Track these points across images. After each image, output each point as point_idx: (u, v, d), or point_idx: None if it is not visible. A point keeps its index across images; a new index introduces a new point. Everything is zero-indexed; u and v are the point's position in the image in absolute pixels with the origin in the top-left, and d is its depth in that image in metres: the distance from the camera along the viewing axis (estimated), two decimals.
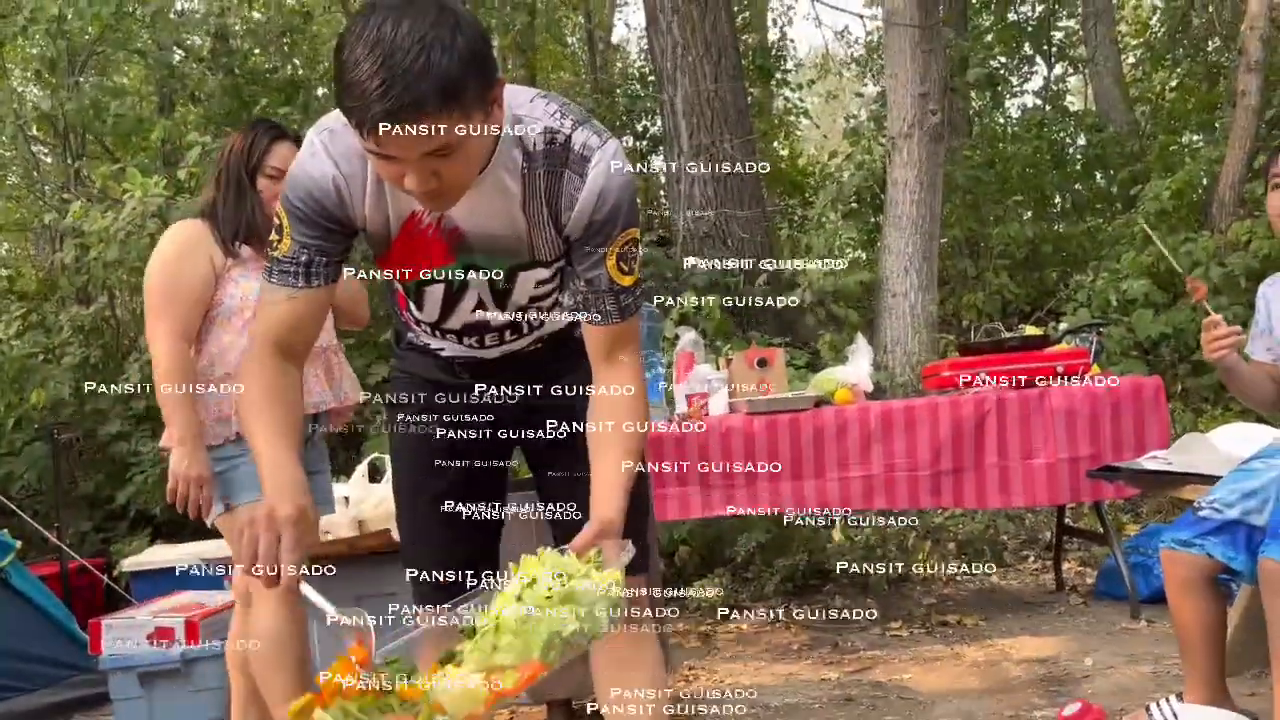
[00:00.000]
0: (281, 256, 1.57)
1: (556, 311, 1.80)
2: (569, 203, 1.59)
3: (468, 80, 1.36)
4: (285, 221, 1.57)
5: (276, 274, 1.58)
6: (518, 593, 1.38)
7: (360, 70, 1.32)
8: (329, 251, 1.59)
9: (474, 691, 1.31)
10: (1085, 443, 3.52)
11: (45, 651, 3.65)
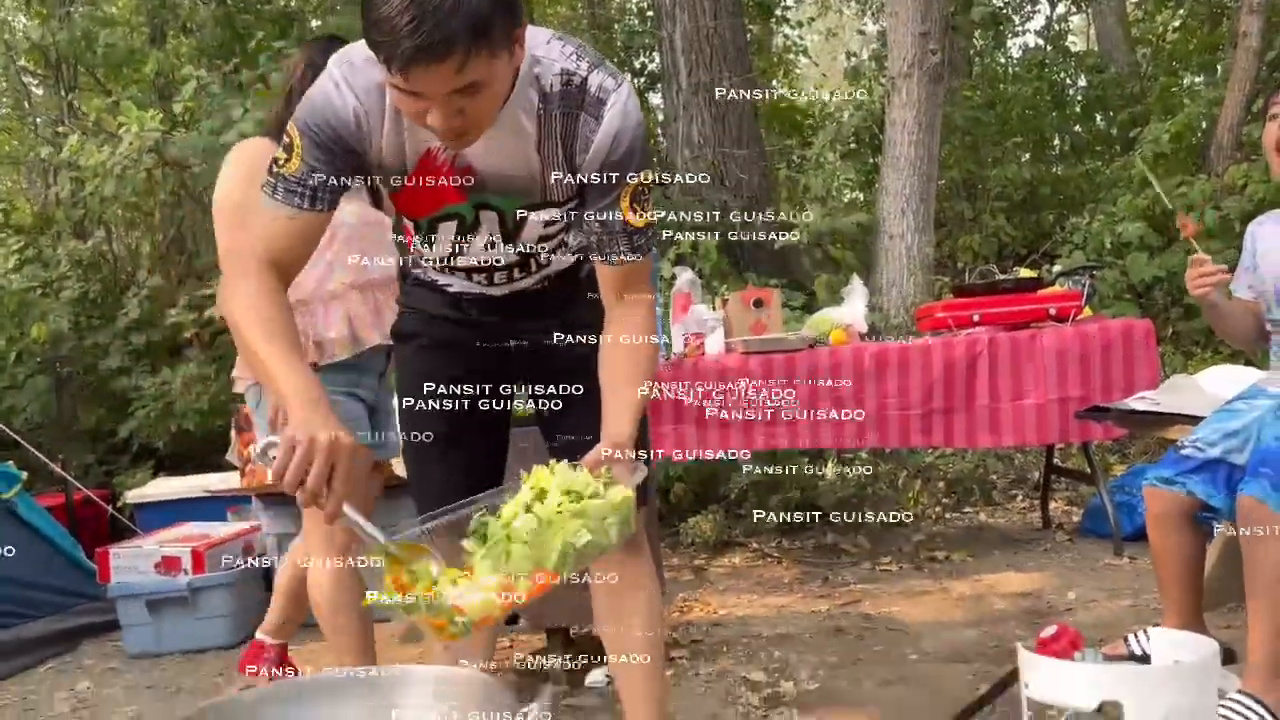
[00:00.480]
0: (288, 175, 1.57)
1: (563, 251, 1.83)
2: (584, 145, 1.61)
3: (495, 18, 1.37)
4: (297, 141, 1.57)
5: (282, 191, 1.58)
6: (527, 502, 1.43)
7: (390, 5, 1.33)
8: (334, 179, 1.59)
9: (491, 598, 1.36)
10: (1075, 384, 3.57)
11: (53, 580, 3.73)
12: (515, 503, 1.44)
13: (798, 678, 2.67)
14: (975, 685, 2.51)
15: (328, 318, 2.47)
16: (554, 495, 1.43)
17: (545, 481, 1.46)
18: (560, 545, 1.38)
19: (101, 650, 3.54)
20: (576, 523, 1.40)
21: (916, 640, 2.89)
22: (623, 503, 1.43)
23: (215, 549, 3.50)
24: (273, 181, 1.59)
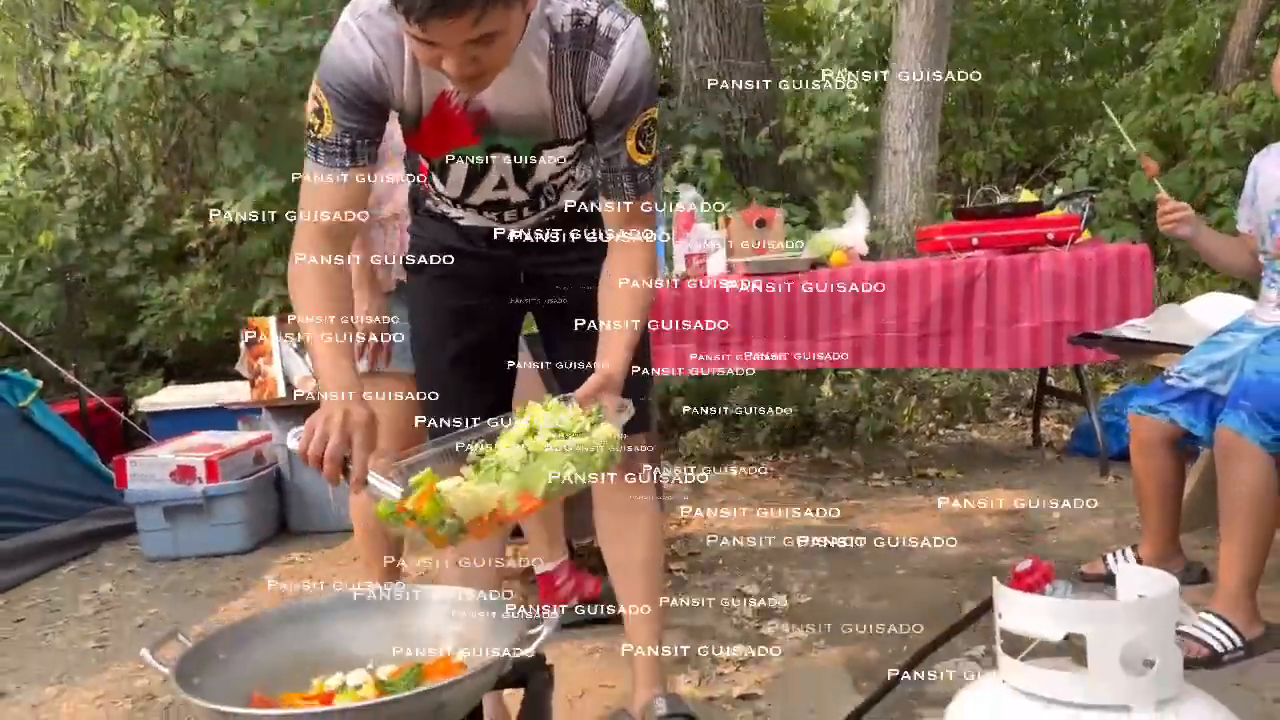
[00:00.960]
0: (326, 139, 1.62)
1: (571, 187, 1.88)
2: (593, 83, 1.65)
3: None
4: (326, 105, 1.61)
5: (324, 155, 1.63)
6: (520, 437, 1.51)
7: None
8: (370, 133, 1.65)
9: (483, 497, 1.44)
10: (1070, 308, 3.63)
11: (70, 485, 3.84)
12: (509, 436, 1.52)
13: (790, 591, 2.80)
14: (958, 600, 2.64)
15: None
16: (544, 431, 1.51)
17: (538, 417, 1.53)
18: (546, 477, 1.46)
19: (120, 553, 3.68)
20: (562, 457, 1.47)
21: (904, 556, 3.01)
22: (608, 441, 1.50)
23: (228, 458, 3.60)
24: (313, 148, 1.64)
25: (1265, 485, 2.19)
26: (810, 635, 2.50)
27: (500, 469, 1.47)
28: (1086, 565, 2.75)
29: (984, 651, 2.33)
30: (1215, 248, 2.66)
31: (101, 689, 2.49)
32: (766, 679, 2.29)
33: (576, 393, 1.61)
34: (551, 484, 1.45)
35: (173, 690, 1.26)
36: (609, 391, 1.63)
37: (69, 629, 2.93)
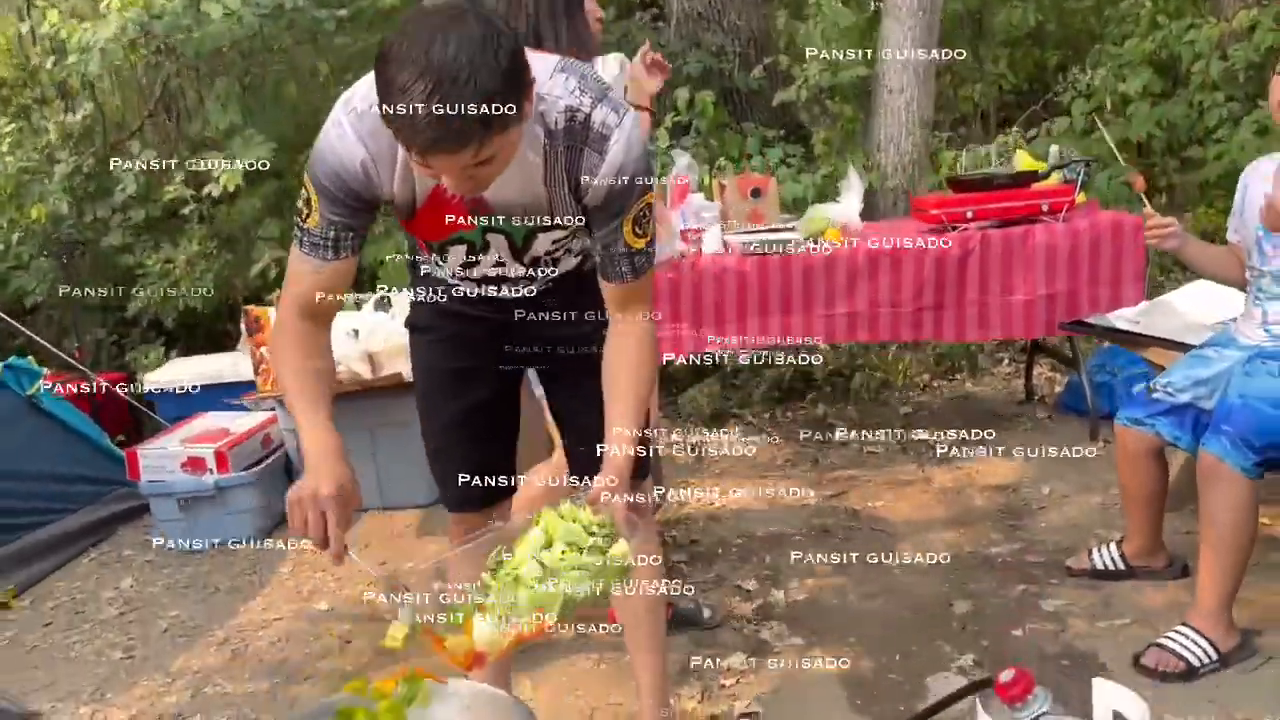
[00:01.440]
0: (311, 230, 1.65)
1: (568, 255, 1.90)
2: (589, 177, 1.65)
3: (509, 98, 1.40)
4: (313, 197, 1.63)
5: (307, 245, 1.66)
6: (536, 550, 1.58)
7: (410, 94, 1.35)
8: (355, 227, 1.67)
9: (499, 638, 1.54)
10: (1063, 279, 3.67)
11: (84, 471, 3.92)
12: (525, 545, 1.58)
13: (787, 587, 2.91)
14: (949, 599, 2.76)
15: None
16: (559, 545, 1.57)
17: (554, 529, 1.59)
18: (561, 598, 1.53)
19: (137, 539, 3.78)
20: (576, 574, 1.54)
21: (897, 544, 3.12)
22: (620, 558, 1.57)
23: (236, 447, 3.68)
24: (299, 235, 1.67)
25: (1245, 509, 2.27)
26: (807, 641, 2.62)
27: (519, 584, 1.54)
28: (1072, 560, 2.86)
29: (972, 662, 2.46)
30: (1204, 259, 2.69)
31: (133, 707, 2.62)
32: (766, 693, 2.41)
33: (589, 494, 1.66)
34: (565, 606, 1.53)
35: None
36: (619, 489, 1.68)
37: (96, 635, 3.05)
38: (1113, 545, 2.80)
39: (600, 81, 1.68)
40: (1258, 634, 2.44)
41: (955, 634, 2.59)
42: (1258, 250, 2.50)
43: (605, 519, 1.61)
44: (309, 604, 3.12)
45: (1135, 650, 2.40)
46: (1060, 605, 2.68)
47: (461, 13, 1.41)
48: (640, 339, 1.80)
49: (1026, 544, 3.05)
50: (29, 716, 2.60)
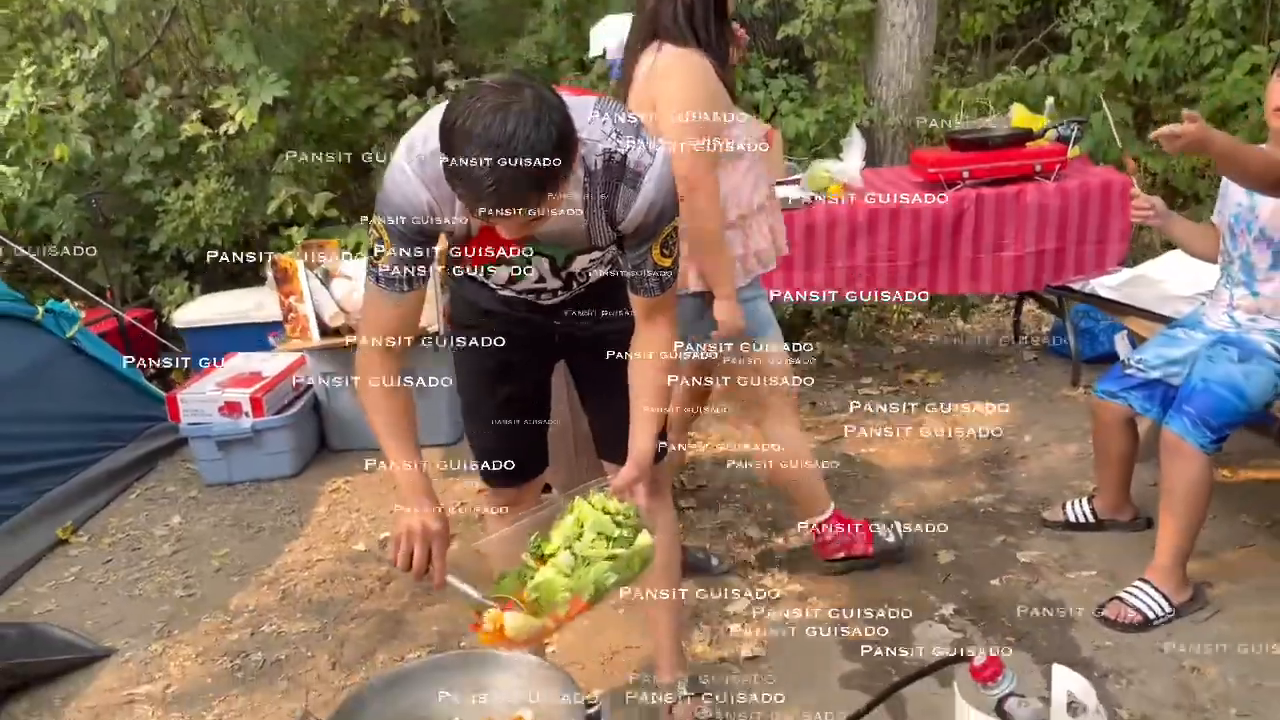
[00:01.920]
0: (385, 267, 1.85)
1: (600, 267, 2.10)
2: (624, 210, 1.85)
3: (560, 165, 1.59)
4: (385, 236, 1.83)
5: (385, 283, 1.86)
6: (570, 539, 1.83)
7: (473, 167, 1.54)
8: (425, 259, 1.88)
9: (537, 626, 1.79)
10: (1052, 236, 3.87)
11: (124, 408, 4.15)
12: (561, 531, 1.83)
13: (788, 534, 3.19)
14: (935, 549, 3.03)
15: (760, 229, 2.65)
16: (590, 534, 1.82)
17: (586, 517, 1.84)
18: (592, 583, 1.78)
19: (178, 474, 4.04)
20: (605, 565, 1.78)
21: (888, 493, 3.39)
22: (644, 549, 1.81)
23: (270, 392, 3.91)
24: (374, 273, 1.87)
25: (1202, 481, 2.53)
26: (805, 589, 2.90)
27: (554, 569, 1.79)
28: (1047, 512, 3.13)
29: (953, 611, 2.75)
30: (1186, 236, 2.87)
31: (199, 644, 2.91)
32: (768, 638, 2.70)
33: (613, 484, 1.90)
34: (596, 592, 1.78)
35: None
36: (642, 480, 1.93)
37: (155, 573, 3.32)
38: (1084, 500, 3.07)
39: (633, 121, 1.86)
40: (1209, 586, 2.73)
41: (938, 584, 2.88)
42: (1230, 235, 2.70)
43: (630, 508, 1.86)
44: (347, 545, 3.40)
45: (1100, 599, 2.69)
46: (1035, 556, 2.96)
47: (518, 87, 1.58)
48: (663, 348, 2.02)
49: (1007, 494, 3.32)
50: (106, 653, 2.89)
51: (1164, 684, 2.39)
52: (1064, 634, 2.60)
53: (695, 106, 2.41)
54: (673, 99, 2.42)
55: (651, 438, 1.99)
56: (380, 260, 1.85)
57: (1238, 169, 2.45)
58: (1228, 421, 2.52)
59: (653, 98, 2.45)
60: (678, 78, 2.44)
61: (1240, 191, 2.66)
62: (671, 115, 2.41)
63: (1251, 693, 2.33)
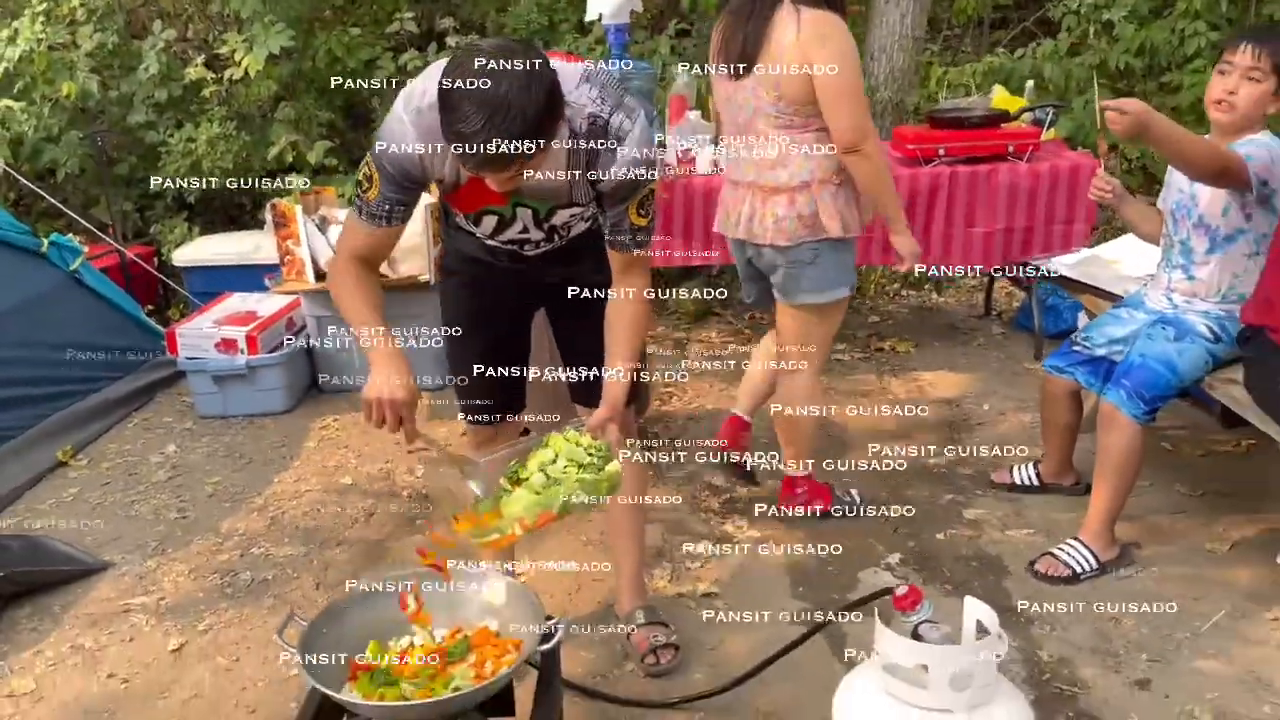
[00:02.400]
0: (370, 201, 2.02)
1: (581, 222, 2.26)
2: (604, 170, 2.02)
3: (547, 125, 1.76)
4: (376, 176, 2.00)
5: (366, 215, 2.04)
6: (544, 463, 2.01)
7: (467, 125, 1.70)
8: (407, 203, 2.05)
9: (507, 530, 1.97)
10: (1021, 215, 4.03)
11: (123, 341, 4.30)
12: (536, 459, 2.01)
13: (750, 485, 3.37)
14: (889, 504, 3.22)
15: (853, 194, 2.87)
16: (562, 461, 2.00)
17: (560, 448, 2.02)
18: (562, 499, 1.96)
19: (174, 406, 4.21)
20: (575, 485, 1.96)
21: (850, 451, 3.57)
22: (612, 476, 1.99)
23: (265, 331, 4.07)
24: (359, 205, 2.04)
25: (1134, 449, 2.72)
26: (762, 535, 3.09)
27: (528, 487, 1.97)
28: (995, 474, 3.32)
29: (898, 560, 2.94)
30: (1136, 218, 3.04)
31: (192, 562, 3.09)
32: (724, 577, 2.89)
33: (588, 423, 2.08)
34: (564, 506, 1.95)
35: (302, 676, 1.80)
36: (615, 421, 2.10)
37: (151, 496, 3.50)
38: (1031, 465, 3.27)
39: (619, 88, 2.02)
40: (1138, 548, 2.93)
41: (888, 535, 3.07)
42: (1171, 220, 2.87)
43: (602, 444, 2.03)
44: (334, 478, 3.58)
45: (1034, 555, 2.89)
46: (979, 514, 3.16)
47: (511, 52, 1.74)
48: (637, 302, 2.19)
49: (960, 457, 3.51)
50: (102, 566, 3.07)
51: (1084, 631, 2.59)
52: (998, 584, 2.80)
53: (856, 64, 2.66)
54: (843, 59, 2.62)
55: (624, 383, 2.16)
56: (367, 195, 2.02)
57: (1176, 154, 2.56)
58: (1160, 394, 2.71)
59: (805, 57, 2.62)
60: (836, 40, 2.62)
61: (1183, 179, 2.82)
62: (847, 74, 2.64)
63: (1162, 642, 2.53)
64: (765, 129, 2.78)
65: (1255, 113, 2.66)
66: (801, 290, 2.90)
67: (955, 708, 1.73)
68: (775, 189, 2.82)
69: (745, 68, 2.74)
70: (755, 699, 2.36)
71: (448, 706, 1.75)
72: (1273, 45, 2.60)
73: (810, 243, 2.83)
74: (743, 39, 2.74)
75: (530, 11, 5.87)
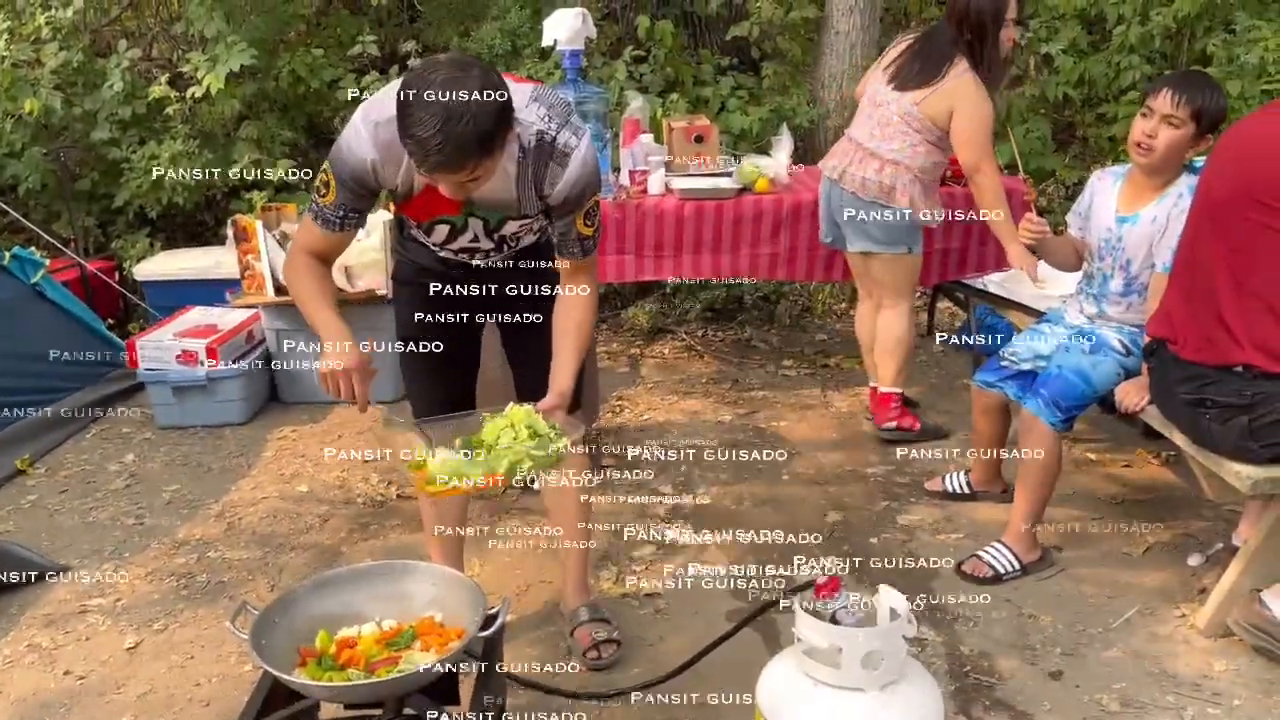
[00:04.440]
0: (325, 206, 2.15)
1: (530, 234, 2.39)
2: (551, 185, 2.16)
3: (498, 134, 1.90)
4: (332, 182, 2.12)
5: (321, 220, 2.17)
6: (500, 428, 2.11)
7: (423, 129, 1.83)
8: (361, 209, 2.19)
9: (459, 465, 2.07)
10: (957, 236, 4.20)
11: (83, 353, 4.35)
12: (492, 427, 2.12)
13: (696, 492, 3.50)
14: (826, 510, 3.37)
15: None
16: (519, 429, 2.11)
17: (516, 417, 2.13)
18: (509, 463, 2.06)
19: (134, 418, 4.27)
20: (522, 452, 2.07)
21: (791, 462, 3.72)
22: (562, 448, 2.10)
23: (225, 343, 4.15)
24: (314, 208, 2.17)
25: (1050, 455, 2.87)
26: (705, 541, 3.22)
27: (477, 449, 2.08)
28: (929, 482, 3.48)
29: (833, 562, 3.08)
30: (1050, 251, 3.18)
31: (148, 566, 3.16)
32: (668, 579, 3.01)
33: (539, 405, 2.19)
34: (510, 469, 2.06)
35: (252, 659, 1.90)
36: (562, 408, 2.21)
37: (108, 503, 3.57)
38: (962, 473, 3.42)
39: (566, 108, 2.16)
40: (1058, 549, 3.09)
41: (824, 539, 3.21)
42: (1096, 254, 3.04)
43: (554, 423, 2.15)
44: (291, 486, 3.66)
45: (962, 557, 3.03)
46: (912, 520, 3.30)
47: (468, 65, 1.87)
48: (584, 303, 2.32)
49: (897, 466, 3.66)
50: (59, 569, 3.14)
51: (1004, 628, 2.73)
52: (926, 584, 2.94)
53: (986, 120, 3.45)
54: (976, 115, 3.44)
55: (571, 375, 2.27)
56: (323, 200, 2.15)
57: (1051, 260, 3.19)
58: (1076, 404, 2.87)
59: (952, 104, 3.43)
60: (978, 102, 3.43)
61: (1109, 218, 2.97)
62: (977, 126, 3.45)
63: (1076, 636, 2.68)
64: (899, 124, 3.53)
65: (1173, 157, 2.80)
66: (860, 239, 3.66)
67: (867, 686, 1.86)
68: (875, 155, 3.56)
69: (909, 86, 3.50)
70: (691, 689, 2.47)
71: (394, 687, 1.86)
72: (1192, 93, 2.74)
73: (881, 204, 3.56)
74: (918, 68, 3.50)
75: (493, 36, 6.01)
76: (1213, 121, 2.76)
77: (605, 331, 5.10)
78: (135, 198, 5.28)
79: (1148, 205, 2.88)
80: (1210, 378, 2.49)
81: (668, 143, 4.43)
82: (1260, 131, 2.47)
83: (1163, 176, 2.85)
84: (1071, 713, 2.40)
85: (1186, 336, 2.56)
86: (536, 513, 3.30)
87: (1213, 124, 2.77)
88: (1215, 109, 2.75)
